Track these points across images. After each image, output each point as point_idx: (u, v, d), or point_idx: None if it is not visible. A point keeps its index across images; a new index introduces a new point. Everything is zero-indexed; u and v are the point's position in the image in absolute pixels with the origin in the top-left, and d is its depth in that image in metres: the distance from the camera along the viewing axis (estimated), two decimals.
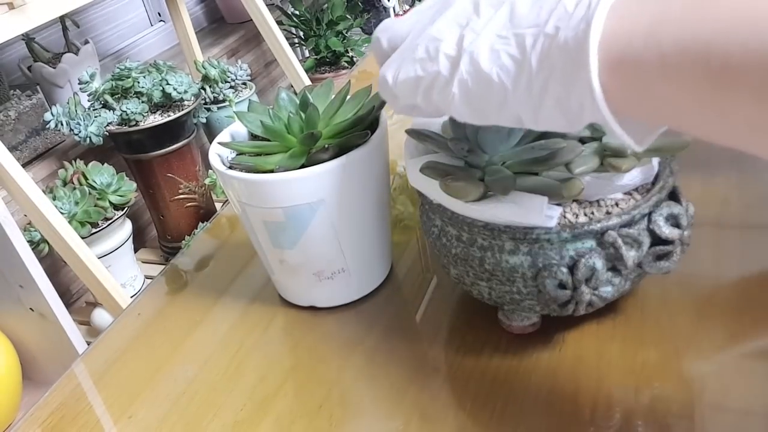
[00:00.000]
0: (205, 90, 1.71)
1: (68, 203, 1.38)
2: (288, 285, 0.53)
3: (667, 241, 0.40)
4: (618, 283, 0.41)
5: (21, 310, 1.34)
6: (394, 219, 0.59)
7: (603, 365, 0.43)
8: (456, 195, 0.41)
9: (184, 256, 0.64)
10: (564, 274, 0.39)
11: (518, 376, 0.43)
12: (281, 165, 0.46)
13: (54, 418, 0.47)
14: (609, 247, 0.39)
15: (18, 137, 1.56)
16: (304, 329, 0.51)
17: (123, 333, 0.55)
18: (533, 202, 0.39)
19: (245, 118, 0.51)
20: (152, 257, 1.77)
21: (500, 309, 0.45)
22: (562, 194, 0.39)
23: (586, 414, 0.40)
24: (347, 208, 0.48)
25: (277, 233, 0.48)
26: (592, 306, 0.41)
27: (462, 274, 0.44)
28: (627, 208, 0.40)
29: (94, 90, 1.51)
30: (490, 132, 0.41)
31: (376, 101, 0.50)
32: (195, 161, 1.67)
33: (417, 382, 0.45)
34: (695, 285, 0.48)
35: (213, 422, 0.45)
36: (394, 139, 0.52)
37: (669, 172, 0.42)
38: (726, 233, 0.53)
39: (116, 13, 2.12)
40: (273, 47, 1.85)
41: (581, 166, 0.40)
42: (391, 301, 0.53)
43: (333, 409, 0.44)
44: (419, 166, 0.44)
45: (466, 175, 0.42)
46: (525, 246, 0.40)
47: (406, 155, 0.47)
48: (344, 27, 2.42)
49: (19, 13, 1.26)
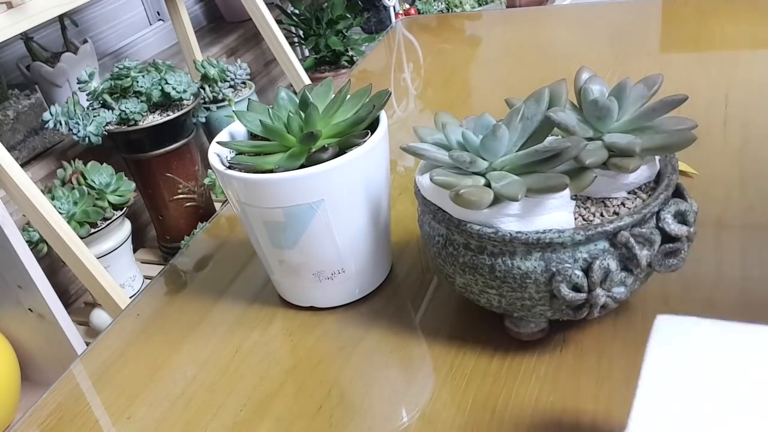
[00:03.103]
0: (205, 89, 1.71)
1: (67, 203, 1.38)
2: (288, 285, 0.53)
3: (675, 238, 0.40)
4: (630, 284, 0.41)
5: (19, 310, 1.34)
6: (394, 219, 0.59)
7: (604, 366, 0.43)
8: (467, 205, 0.40)
9: (183, 257, 0.64)
10: (579, 278, 0.39)
11: (518, 377, 0.43)
12: (281, 165, 0.46)
13: (53, 418, 0.47)
14: (621, 248, 0.39)
15: (16, 137, 1.55)
16: (303, 329, 0.51)
17: (122, 333, 0.55)
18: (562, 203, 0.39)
19: (245, 118, 0.51)
20: (151, 257, 1.76)
21: (508, 317, 0.45)
22: (566, 183, 0.38)
23: (587, 415, 0.40)
24: (347, 208, 0.47)
25: (277, 233, 0.48)
26: (606, 308, 0.41)
27: (469, 283, 0.43)
28: (636, 208, 0.40)
29: (93, 89, 1.51)
30: (491, 139, 0.41)
31: (376, 101, 0.50)
32: (194, 161, 1.67)
33: (417, 382, 0.45)
34: (696, 285, 0.48)
35: (212, 423, 0.44)
36: (394, 139, 0.52)
37: (672, 169, 0.42)
38: (727, 233, 0.53)
39: (115, 12, 2.12)
40: (272, 46, 1.84)
41: (591, 158, 0.40)
42: (391, 301, 0.52)
43: (333, 409, 0.44)
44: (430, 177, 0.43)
45: (473, 184, 0.41)
46: (537, 251, 0.39)
47: (417, 171, 0.46)
48: (344, 26, 2.42)
49: (17, 12, 1.26)
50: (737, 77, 0.74)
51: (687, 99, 0.42)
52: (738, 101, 0.70)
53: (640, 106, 0.43)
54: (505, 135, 0.41)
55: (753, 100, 0.69)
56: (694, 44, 0.85)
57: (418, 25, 1.14)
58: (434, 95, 0.88)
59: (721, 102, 0.70)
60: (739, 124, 0.66)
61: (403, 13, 2.49)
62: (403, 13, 2.49)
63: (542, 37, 0.98)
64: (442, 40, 1.06)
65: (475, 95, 0.86)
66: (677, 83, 0.73)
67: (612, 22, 0.98)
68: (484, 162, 0.42)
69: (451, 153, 0.42)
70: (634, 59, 0.84)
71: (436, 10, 2.49)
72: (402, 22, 1.14)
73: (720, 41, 0.84)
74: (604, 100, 0.42)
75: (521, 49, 0.95)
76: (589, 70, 0.46)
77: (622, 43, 0.89)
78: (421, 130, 0.47)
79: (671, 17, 0.94)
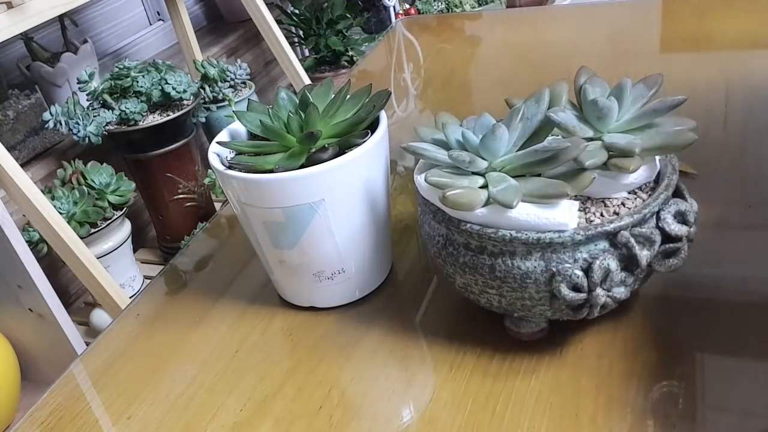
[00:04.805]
0: (205, 89, 1.70)
1: (67, 203, 1.38)
2: (288, 285, 0.53)
3: (675, 238, 0.40)
4: (630, 284, 0.41)
5: (20, 310, 1.34)
6: (394, 219, 0.59)
7: (604, 366, 0.43)
8: (457, 207, 0.40)
9: (183, 257, 0.64)
10: (579, 278, 0.39)
11: (519, 377, 0.43)
12: (281, 165, 0.46)
13: (53, 418, 0.47)
14: (621, 248, 0.39)
15: (16, 137, 1.55)
16: (303, 329, 0.51)
17: (122, 333, 0.55)
18: (564, 206, 0.39)
19: (244, 118, 0.51)
20: (151, 257, 1.76)
21: (508, 317, 0.45)
22: (567, 193, 0.39)
23: (587, 415, 0.40)
24: (347, 208, 0.47)
25: (277, 233, 0.48)
26: (605, 308, 0.41)
27: (470, 283, 0.43)
28: (636, 208, 0.40)
29: (93, 89, 1.50)
30: (491, 139, 0.41)
31: (376, 101, 0.50)
32: (194, 161, 1.67)
33: (417, 382, 0.45)
34: (696, 286, 0.48)
35: (212, 423, 0.44)
36: (394, 139, 0.52)
37: (672, 169, 0.42)
38: (727, 233, 0.53)
39: (115, 12, 2.12)
40: (272, 46, 1.84)
41: (591, 159, 0.40)
42: (391, 301, 0.52)
43: (333, 409, 0.44)
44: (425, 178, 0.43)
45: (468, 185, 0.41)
46: (537, 251, 0.39)
47: (416, 171, 0.47)
48: (344, 26, 2.41)
49: (17, 12, 1.26)
50: (737, 77, 0.74)
51: (687, 99, 0.42)
52: (738, 101, 0.70)
53: (640, 106, 0.43)
54: (504, 135, 0.41)
55: (753, 100, 0.69)
56: (694, 44, 0.85)
57: (418, 25, 1.14)
58: (434, 95, 0.88)
59: (721, 102, 0.70)
60: (739, 124, 0.66)
61: (403, 13, 2.49)
62: (403, 13, 2.49)
63: (542, 37, 0.98)
64: (442, 40, 1.06)
65: (475, 95, 0.86)
66: (677, 83, 0.73)
67: (612, 22, 0.98)
68: (484, 162, 0.42)
69: (450, 153, 0.42)
70: (634, 59, 0.84)
71: (436, 10, 2.49)
72: (402, 22, 1.14)
73: (720, 41, 0.84)
74: (604, 100, 0.42)
75: (521, 49, 0.95)
76: (589, 70, 0.46)
77: (622, 43, 0.89)
78: (422, 129, 0.47)
79: (671, 17, 0.94)
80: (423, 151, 0.44)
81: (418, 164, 0.46)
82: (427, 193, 0.44)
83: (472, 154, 0.42)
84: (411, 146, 0.44)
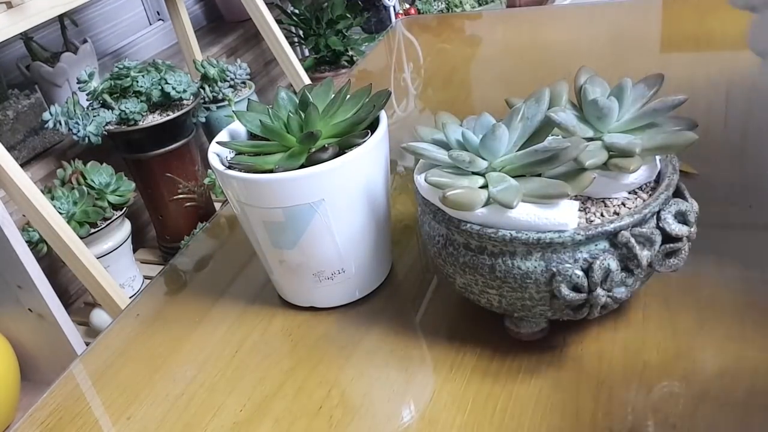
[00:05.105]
0: (204, 89, 1.70)
1: (67, 203, 1.38)
2: (288, 285, 0.53)
3: (675, 238, 0.40)
4: (631, 284, 0.41)
5: (19, 310, 1.34)
6: (394, 219, 0.59)
7: (604, 366, 0.43)
8: (457, 207, 0.40)
9: (182, 257, 0.64)
10: (579, 278, 0.39)
11: (519, 377, 0.43)
12: (281, 165, 0.46)
13: (53, 419, 0.47)
14: (622, 248, 0.39)
15: (16, 137, 1.55)
16: (303, 329, 0.51)
17: (122, 334, 0.55)
18: (564, 206, 0.39)
19: (244, 118, 0.51)
20: (151, 257, 1.76)
21: (508, 317, 0.45)
22: (567, 193, 0.39)
23: (587, 415, 0.40)
24: (347, 208, 0.47)
25: (277, 233, 0.48)
26: (606, 308, 0.41)
27: (470, 283, 0.43)
28: (637, 207, 0.40)
29: (93, 89, 1.50)
30: (491, 139, 0.41)
31: (376, 101, 0.50)
32: (194, 161, 1.67)
33: (417, 382, 0.45)
34: (696, 286, 0.48)
35: (212, 423, 0.44)
36: (394, 139, 0.52)
37: (672, 169, 0.42)
38: (727, 233, 0.52)
39: (115, 12, 2.12)
40: (272, 46, 1.84)
41: (591, 159, 0.40)
42: (391, 301, 0.52)
43: (333, 409, 0.44)
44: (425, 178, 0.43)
45: (468, 185, 0.41)
46: (537, 251, 0.39)
47: (416, 171, 0.47)
48: (344, 26, 2.41)
49: (17, 12, 1.26)
50: (737, 77, 0.74)
51: (687, 99, 0.42)
52: (738, 101, 0.70)
53: (640, 105, 0.43)
54: (504, 135, 0.41)
55: (753, 100, 0.69)
56: (694, 44, 0.85)
57: (418, 25, 1.14)
58: (434, 95, 0.88)
59: (721, 102, 0.70)
60: (739, 124, 0.66)
61: (403, 13, 2.49)
62: (403, 13, 2.49)
63: (542, 37, 0.98)
64: (442, 39, 1.06)
65: (475, 95, 0.86)
66: (677, 83, 0.73)
67: (612, 22, 0.98)
68: (484, 162, 0.42)
69: (450, 152, 0.42)
70: (634, 59, 0.84)
71: (436, 9, 2.49)
72: (402, 22, 1.14)
73: (720, 41, 0.84)
74: (604, 100, 0.42)
75: (521, 49, 0.95)
76: (589, 70, 0.46)
77: (622, 42, 0.89)
78: (422, 129, 0.47)
79: (671, 17, 0.94)
80: (423, 151, 0.44)
81: (418, 164, 0.46)
82: (427, 193, 0.44)
83: (472, 154, 0.42)
84: (411, 146, 0.44)
